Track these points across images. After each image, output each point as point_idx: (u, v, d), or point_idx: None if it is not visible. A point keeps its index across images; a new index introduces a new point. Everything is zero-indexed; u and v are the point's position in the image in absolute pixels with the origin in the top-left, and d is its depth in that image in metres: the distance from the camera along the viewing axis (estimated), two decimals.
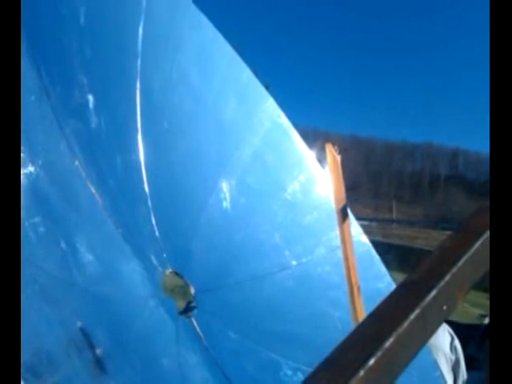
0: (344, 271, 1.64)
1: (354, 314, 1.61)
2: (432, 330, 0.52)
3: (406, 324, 0.49)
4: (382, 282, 2.60)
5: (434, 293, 0.52)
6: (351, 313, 1.63)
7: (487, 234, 0.59)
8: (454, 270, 0.54)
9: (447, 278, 0.53)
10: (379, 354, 0.46)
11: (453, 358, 3.37)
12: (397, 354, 0.48)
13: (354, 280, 1.61)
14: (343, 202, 1.72)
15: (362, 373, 0.45)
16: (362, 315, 1.62)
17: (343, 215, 1.70)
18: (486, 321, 14.93)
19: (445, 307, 0.53)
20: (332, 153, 1.74)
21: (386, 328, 0.48)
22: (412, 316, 0.49)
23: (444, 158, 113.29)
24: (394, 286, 1.97)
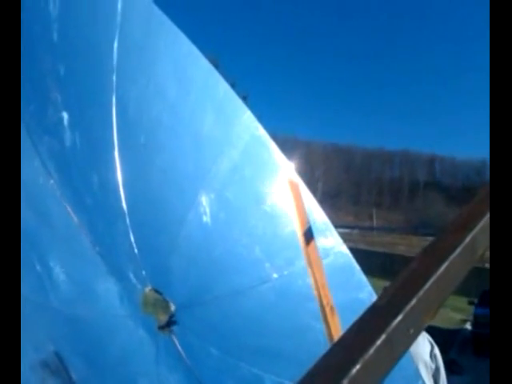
0: (315, 293, 1.64)
1: (329, 334, 1.61)
2: (399, 354, 0.53)
3: (372, 350, 0.49)
4: (362, 292, 2.62)
5: (400, 317, 0.52)
6: (326, 334, 1.63)
7: (454, 255, 0.60)
8: (420, 293, 0.55)
9: (413, 302, 0.54)
10: (345, 382, 0.46)
11: (433, 366, 3.40)
12: (363, 382, 0.48)
13: (325, 301, 1.62)
14: (306, 225, 1.73)
15: None
16: (339, 334, 1.62)
17: (308, 238, 1.71)
18: (467, 325, 15.16)
19: (412, 331, 0.54)
20: (290, 181, 1.76)
21: (352, 355, 0.48)
22: (378, 342, 0.50)
23: (421, 165, 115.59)
24: (374, 296, 1.99)
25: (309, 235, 1.69)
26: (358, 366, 0.48)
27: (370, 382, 0.49)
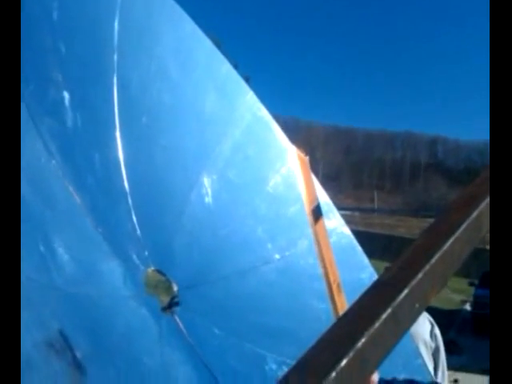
0: (322, 271, 1.64)
1: (336, 311, 1.62)
2: (404, 329, 0.53)
3: (377, 324, 0.49)
4: (364, 272, 2.64)
5: (405, 292, 0.52)
6: (332, 311, 1.64)
7: (460, 231, 0.60)
8: (427, 267, 0.55)
9: (419, 276, 0.54)
10: (351, 354, 0.47)
11: (433, 345, 3.44)
12: (369, 354, 0.48)
13: (332, 278, 1.62)
14: (315, 202, 1.71)
15: (333, 374, 0.46)
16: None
17: (316, 216, 1.70)
18: (467, 306, 15.30)
19: (417, 305, 0.54)
20: (299, 155, 1.73)
21: (358, 328, 0.49)
22: (384, 315, 0.50)
23: (423, 146, 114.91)
24: (375, 277, 1.99)
25: (317, 212, 1.68)
26: (363, 339, 0.48)
27: (376, 355, 0.49)
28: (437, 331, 3.48)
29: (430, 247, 0.58)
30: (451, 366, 4.15)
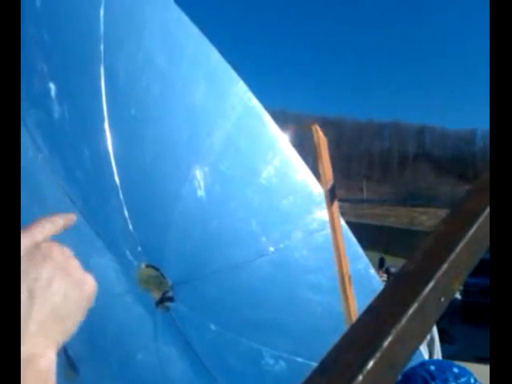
0: (335, 260, 1.60)
1: (346, 304, 1.58)
2: (430, 325, 0.49)
3: (404, 320, 0.45)
4: (359, 263, 2.62)
5: (431, 284, 0.48)
6: (343, 304, 1.60)
7: (483, 216, 0.56)
8: (452, 257, 0.51)
9: (445, 266, 0.50)
10: (378, 355, 0.42)
11: (428, 336, 3.46)
12: (396, 353, 0.44)
13: (345, 269, 1.58)
14: (331, 182, 1.68)
15: (360, 377, 0.41)
16: (354, 305, 1.59)
17: (332, 196, 1.66)
18: (457, 295, 15.52)
19: (442, 299, 0.50)
20: (319, 134, 1.70)
21: (384, 326, 0.44)
22: (410, 311, 0.46)
23: (411, 136, 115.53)
24: (371, 267, 1.95)
25: (333, 193, 1.64)
26: (390, 338, 0.44)
27: (403, 355, 0.45)
28: None
29: (453, 235, 0.54)
30: (443, 355, 4.19)
